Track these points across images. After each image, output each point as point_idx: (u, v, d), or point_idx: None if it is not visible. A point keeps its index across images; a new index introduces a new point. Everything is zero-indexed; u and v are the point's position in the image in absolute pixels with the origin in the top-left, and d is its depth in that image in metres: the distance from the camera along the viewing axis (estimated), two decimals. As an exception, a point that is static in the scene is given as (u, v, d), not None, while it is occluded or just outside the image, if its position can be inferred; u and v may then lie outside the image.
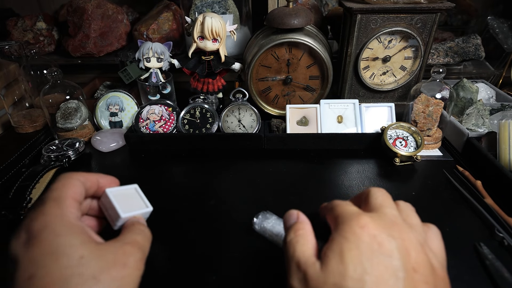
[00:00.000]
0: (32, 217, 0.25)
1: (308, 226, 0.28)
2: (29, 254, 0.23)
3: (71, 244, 0.23)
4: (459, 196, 0.51)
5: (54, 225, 0.24)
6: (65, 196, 0.26)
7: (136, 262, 0.25)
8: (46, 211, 0.25)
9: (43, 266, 0.22)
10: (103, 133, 0.66)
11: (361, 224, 0.24)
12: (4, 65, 0.72)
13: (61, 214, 0.25)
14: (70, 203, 0.26)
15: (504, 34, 0.85)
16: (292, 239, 0.27)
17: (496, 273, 0.37)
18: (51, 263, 0.22)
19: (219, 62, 0.68)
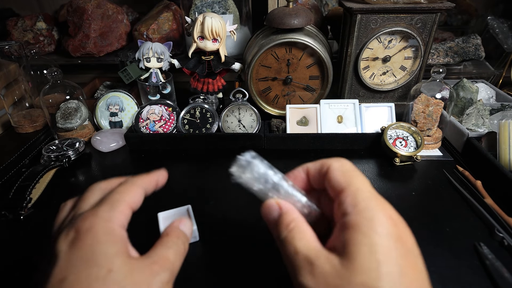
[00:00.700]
0: (84, 217, 0.24)
1: (296, 214, 0.25)
2: (69, 254, 0.22)
3: (106, 253, 0.22)
4: (459, 196, 0.51)
5: (98, 229, 0.23)
6: (121, 201, 0.25)
7: (161, 284, 0.23)
8: (97, 213, 0.24)
9: (76, 271, 0.22)
10: (103, 133, 0.67)
11: (389, 215, 0.22)
12: (4, 65, 0.72)
13: (109, 219, 0.24)
14: (123, 210, 0.25)
15: (504, 34, 0.85)
16: (287, 236, 0.24)
17: (496, 273, 0.37)
18: (83, 269, 0.22)
19: (219, 62, 0.68)
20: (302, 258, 0.22)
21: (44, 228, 0.46)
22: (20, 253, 0.42)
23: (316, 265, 0.21)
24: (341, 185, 0.24)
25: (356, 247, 0.20)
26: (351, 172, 0.25)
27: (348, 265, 0.20)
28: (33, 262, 0.40)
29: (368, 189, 0.24)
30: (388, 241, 0.20)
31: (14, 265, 0.40)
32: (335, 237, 0.23)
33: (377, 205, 0.22)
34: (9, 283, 0.38)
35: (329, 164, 0.26)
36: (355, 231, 0.21)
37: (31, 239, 0.44)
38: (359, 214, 0.22)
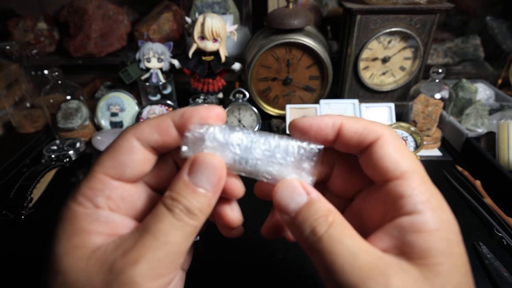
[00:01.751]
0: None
1: (330, 204, 0.19)
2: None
3: (55, 252, 0.19)
4: (458, 196, 0.51)
5: (61, 218, 0.19)
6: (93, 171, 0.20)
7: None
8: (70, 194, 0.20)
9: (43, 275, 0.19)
10: (104, 133, 0.67)
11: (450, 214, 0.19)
12: (5, 66, 0.73)
13: (72, 201, 0.20)
14: (93, 184, 0.20)
15: (503, 34, 0.85)
16: (330, 233, 0.18)
17: (495, 273, 0.38)
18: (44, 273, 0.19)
19: (219, 63, 0.68)
20: (366, 264, 0.16)
21: (45, 228, 0.46)
22: (21, 253, 0.42)
23: (391, 276, 0.16)
24: (400, 169, 0.19)
25: (440, 258, 0.17)
26: (410, 153, 0.20)
27: (435, 281, 0.16)
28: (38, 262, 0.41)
29: (430, 181, 0.19)
30: (460, 249, 0.18)
31: (15, 265, 0.40)
32: (396, 238, 0.18)
33: (443, 203, 0.19)
34: (10, 283, 0.38)
35: (380, 132, 0.20)
36: (435, 236, 0.17)
37: (32, 239, 0.44)
38: (435, 214, 0.18)
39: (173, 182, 0.20)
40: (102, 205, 0.20)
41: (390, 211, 0.19)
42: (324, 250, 0.17)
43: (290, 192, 0.20)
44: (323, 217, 0.18)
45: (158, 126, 0.21)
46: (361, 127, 0.20)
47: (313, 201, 0.19)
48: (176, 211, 0.19)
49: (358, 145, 0.20)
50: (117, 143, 0.20)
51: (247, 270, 0.39)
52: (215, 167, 0.20)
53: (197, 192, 0.19)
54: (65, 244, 0.18)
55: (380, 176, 0.20)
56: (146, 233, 0.18)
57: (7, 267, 0.40)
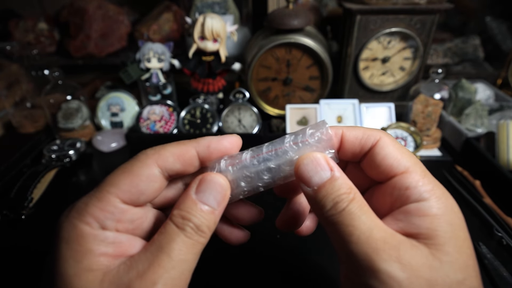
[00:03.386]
0: (65, 213, 0.20)
1: (350, 182, 0.20)
2: (45, 273, 0.19)
3: (64, 274, 0.18)
4: (458, 196, 0.51)
5: (61, 237, 0.19)
6: (104, 191, 0.20)
7: None
8: (72, 210, 0.20)
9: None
10: (104, 133, 0.67)
11: (454, 202, 0.20)
12: (5, 66, 0.73)
13: (77, 220, 0.19)
14: (102, 205, 0.19)
15: (502, 34, 0.85)
16: (350, 208, 0.19)
17: (495, 273, 0.38)
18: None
19: (219, 63, 0.68)
20: (381, 239, 0.17)
21: (46, 228, 0.46)
22: (21, 253, 0.42)
23: (403, 251, 0.17)
24: (403, 165, 0.20)
25: (446, 239, 0.18)
26: (408, 151, 0.21)
27: (443, 258, 0.17)
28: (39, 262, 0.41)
29: (430, 173, 0.21)
30: (465, 233, 0.19)
31: (15, 264, 0.41)
32: (403, 222, 0.19)
33: (446, 192, 0.20)
34: (10, 282, 0.38)
35: (378, 136, 0.21)
36: (440, 219, 0.18)
37: (32, 239, 0.44)
38: (440, 201, 0.19)
39: (181, 201, 0.20)
40: (110, 227, 0.19)
41: (397, 201, 0.20)
42: (343, 223, 0.18)
43: (314, 165, 0.20)
44: (345, 194, 0.19)
45: (182, 157, 0.21)
46: (360, 133, 0.22)
47: (336, 178, 0.20)
48: (187, 230, 0.19)
49: (361, 150, 0.22)
50: (137, 167, 0.20)
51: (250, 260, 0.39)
52: (221, 186, 0.21)
53: (205, 210, 0.20)
54: (74, 265, 0.18)
55: (385, 174, 0.21)
56: (161, 253, 0.18)
57: (7, 267, 0.40)
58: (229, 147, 0.22)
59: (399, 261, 0.17)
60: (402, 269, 0.17)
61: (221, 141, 0.22)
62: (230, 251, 0.41)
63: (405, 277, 0.16)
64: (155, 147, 0.21)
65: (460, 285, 0.17)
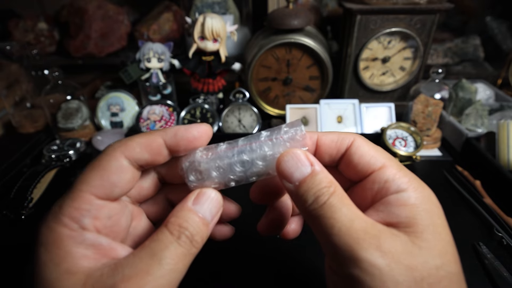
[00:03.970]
0: (46, 216, 0.20)
1: (330, 175, 0.21)
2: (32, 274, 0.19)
3: (44, 279, 0.18)
4: (458, 196, 0.51)
5: (41, 241, 0.19)
6: (78, 189, 0.19)
7: None
8: (50, 213, 0.19)
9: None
10: (104, 133, 0.67)
11: (431, 191, 0.21)
12: (5, 66, 0.73)
13: (54, 224, 0.19)
14: (79, 205, 0.19)
15: (502, 34, 0.85)
16: (331, 201, 0.19)
17: (495, 273, 0.38)
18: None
19: (219, 63, 0.68)
20: (361, 229, 0.18)
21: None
22: (21, 253, 0.42)
23: (383, 239, 0.18)
24: (380, 161, 0.21)
25: (425, 226, 0.18)
26: (380, 148, 0.23)
27: (421, 245, 0.18)
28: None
29: (405, 167, 0.22)
30: (443, 221, 0.19)
31: (15, 265, 0.40)
32: (384, 212, 0.20)
33: (422, 183, 0.21)
34: (9, 283, 0.38)
35: (352, 137, 0.23)
36: (418, 208, 0.19)
37: (32, 239, 0.44)
38: (417, 191, 0.20)
39: (178, 210, 0.21)
40: (88, 226, 0.19)
41: (378, 194, 0.21)
42: (324, 216, 0.19)
43: (295, 161, 0.21)
44: (326, 187, 0.20)
45: (149, 146, 0.21)
46: (335, 137, 0.23)
47: (317, 172, 0.20)
48: (182, 238, 0.19)
49: (337, 152, 0.23)
50: (105, 161, 0.20)
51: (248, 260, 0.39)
52: (218, 201, 0.22)
53: (201, 221, 0.21)
54: (54, 269, 0.18)
55: (363, 172, 0.22)
56: (151, 260, 0.18)
57: (7, 267, 0.40)
58: (197, 136, 0.22)
59: (380, 249, 0.17)
60: (382, 257, 0.17)
61: (188, 130, 0.22)
62: (228, 251, 0.41)
63: (386, 263, 0.17)
64: (122, 139, 0.21)
65: (439, 270, 0.17)
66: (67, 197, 0.19)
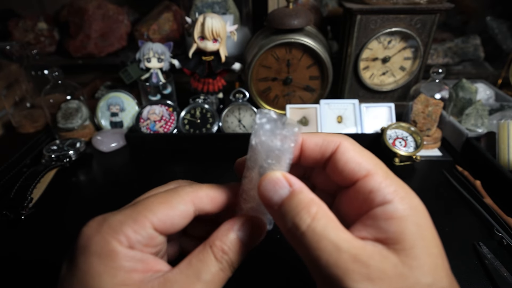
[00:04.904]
0: (89, 224, 0.20)
1: (313, 194, 0.20)
2: (64, 281, 0.19)
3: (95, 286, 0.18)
4: (458, 196, 0.51)
5: (93, 251, 0.19)
6: (142, 215, 0.20)
7: None
8: (104, 223, 0.20)
9: None
10: (104, 133, 0.67)
11: (420, 200, 0.20)
12: (5, 66, 0.73)
13: (112, 235, 0.19)
14: (138, 228, 0.20)
15: (503, 34, 0.85)
16: (313, 226, 0.18)
17: (495, 273, 0.38)
18: None
19: (220, 63, 0.68)
20: (350, 258, 0.17)
21: (45, 228, 0.46)
22: (21, 253, 0.42)
23: (372, 266, 0.17)
24: (365, 168, 0.20)
25: (414, 241, 0.17)
26: (369, 153, 0.21)
27: (412, 264, 0.17)
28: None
29: (393, 174, 0.21)
30: (432, 232, 0.19)
31: (15, 265, 0.40)
32: (371, 227, 0.19)
33: (410, 192, 0.20)
34: (9, 283, 0.38)
35: (338, 141, 0.21)
36: (406, 221, 0.18)
37: (32, 239, 0.44)
38: (404, 201, 0.19)
39: (223, 234, 0.21)
40: (138, 248, 0.20)
41: (363, 205, 0.20)
42: (309, 246, 0.18)
43: (272, 185, 0.20)
44: (305, 209, 0.19)
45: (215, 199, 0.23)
46: (320, 140, 0.22)
47: (295, 193, 0.19)
48: (223, 263, 0.20)
49: (321, 156, 0.22)
50: (176, 202, 0.21)
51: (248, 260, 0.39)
52: (262, 230, 0.23)
53: (243, 249, 0.21)
54: (109, 281, 0.19)
55: (348, 179, 0.21)
56: (196, 280, 0.19)
57: (6, 268, 0.40)
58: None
59: (370, 279, 0.17)
60: (373, 286, 0.17)
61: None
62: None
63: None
64: (193, 184, 0.23)
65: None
66: (129, 216, 0.20)
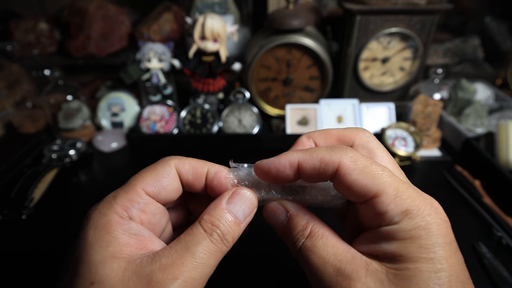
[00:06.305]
0: (95, 206, 0.21)
1: (309, 215, 0.21)
2: (70, 259, 0.20)
3: (89, 261, 0.19)
4: (457, 195, 0.51)
5: (90, 226, 0.20)
6: (132, 185, 0.21)
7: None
8: (101, 202, 0.21)
9: (68, 281, 0.19)
10: (105, 133, 0.67)
11: (443, 218, 0.18)
12: (6, 66, 0.73)
13: (106, 210, 0.20)
14: (131, 197, 0.21)
15: (502, 35, 0.85)
16: (306, 245, 0.20)
17: (494, 272, 0.38)
18: (70, 280, 0.19)
19: (220, 63, 0.68)
20: (333, 271, 0.18)
21: (46, 228, 0.46)
22: (22, 253, 0.42)
23: (355, 280, 0.17)
24: (371, 191, 0.19)
25: (411, 263, 0.17)
26: (375, 169, 0.19)
27: (401, 284, 0.17)
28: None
29: (407, 187, 0.19)
30: (442, 253, 0.17)
31: (16, 264, 0.41)
32: (373, 243, 0.19)
33: (426, 207, 0.18)
34: (11, 282, 0.38)
35: (337, 162, 0.20)
36: (407, 243, 0.17)
37: (33, 239, 0.45)
38: (412, 223, 0.18)
39: (212, 208, 0.22)
40: (135, 217, 0.21)
41: (372, 222, 0.20)
42: (303, 261, 0.20)
43: (272, 213, 0.23)
44: (301, 231, 0.21)
45: (196, 170, 0.24)
46: (317, 163, 0.20)
47: (292, 217, 0.21)
48: (214, 236, 0.20)
49: (322, 179, 0.21)
50: (160, 166, 0.23)
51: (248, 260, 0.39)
52: (251, 201, 0.23)
53: (233, 220, 0.21)
54: (100, 252, 0.19)
55: (355, 200, 0.20)
56: (186, 253, 0.19)
57: (8, 267, 0.40)
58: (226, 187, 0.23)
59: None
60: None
61: (224, 177, 0.24)
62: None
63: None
64: (179, 156, 0.24)
65: None
66: (121, 190, 0.21)
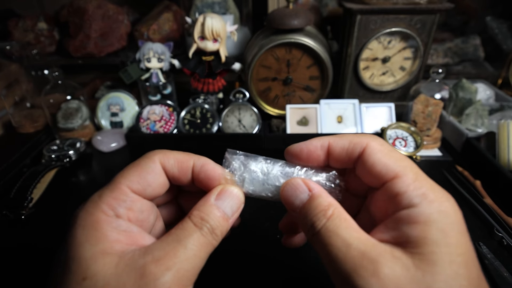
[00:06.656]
0: (82, 204, 0.21)
1: (331, 198, 0.21)
2: (60, 255, 0.20)
3: (80, 257, 0.19)
4: (458, 196, 0.51)
5: (78, 224, 0.20)
6: (117, 183, 0.21)
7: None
8: (88, 201, 0.21)
9: (57, 279, 0.19)
10: (104, 133, 0.67)
11: (455, 205, 0.19)
12: (5, 66, 0.73)
13: (93, 208, 0.20)
14: (116, 195, 0.21)
15: (503, 34, 0.85)
16: (328, 225, 0.19)
17: (495, 273, 0.38)
18: (61, 277, 0.19)
19: (220, 63, 0.68)
20: (358, 254, 0.17)
21: (45, 228, 0.46)
22: (21, 253, 0.42)
23: (381, 264, 0.17)
24: (392, 170, 0.20)
25: (435, 247, 0.17)
26: (398, 154, 0.21)
27: (427, 269, 0.16)
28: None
29: (425, 176, 0.20)
30: (460, 239, 0.17)
31: (15, 264, 0.40)
32: (393, 230, 0.19)
33: (443, 195, 0.19)
34: (10, 283, 0.38)
35: (365, 143, 0.21)
36: (430, 227, 0.17)
37: (32, 239, 0.44)
38: (432, 206, 0.18)
39: (201, 204, 0.22)
40: (123, 215, 0.21)
41: (390, 207, 0.20)
42: (322, 242, 0.19)
43: (293, 190, 0.22)
44: (323, 211, 0.20)
45: (181, 164, 0.24)
46: (346, 143, 0.22)
47: (315, 197, 0.21)
48: (204, 229, 0.21)
49: (349, 159, 0.23)
50: (144, 162, 0.23)
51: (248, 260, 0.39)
52: (239, 198, 0.24)
53: (221, 216, 0.22)
54: (90, 249, 0.19)
55: (376, 181, 0.21)
56: (178, 245, 0.20)
57: (7, 267, 0.40)
58: (216, 179, 0.24)
59: (377, 276, 0.16)
60: (380, 284, 0.16)
61: (215, 169, 0.24)
62: (228, 250, 0.41)
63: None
64: (163, 150, 0.24)
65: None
66: (106, 188, 0.22)
